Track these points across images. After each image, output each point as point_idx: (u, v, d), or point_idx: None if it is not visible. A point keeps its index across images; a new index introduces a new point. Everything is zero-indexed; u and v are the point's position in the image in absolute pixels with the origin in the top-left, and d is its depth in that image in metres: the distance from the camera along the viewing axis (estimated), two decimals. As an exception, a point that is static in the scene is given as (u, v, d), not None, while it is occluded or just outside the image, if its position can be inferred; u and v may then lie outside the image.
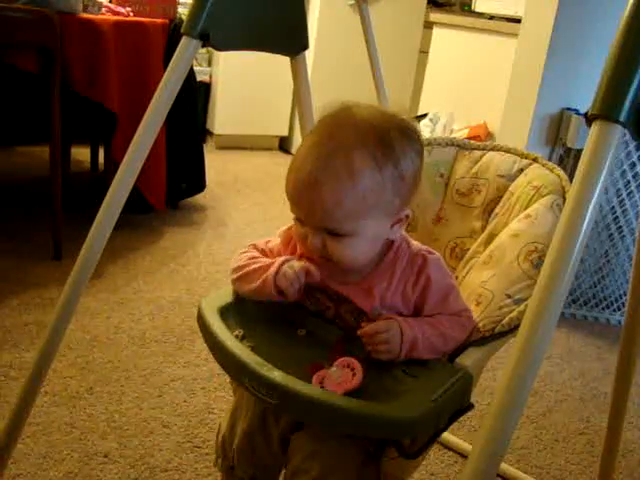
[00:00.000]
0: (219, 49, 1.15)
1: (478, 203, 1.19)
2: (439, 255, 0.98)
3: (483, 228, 1.16)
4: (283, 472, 1.01)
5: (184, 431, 1.52)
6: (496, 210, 1.15)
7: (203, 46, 1.08)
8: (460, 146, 1.24)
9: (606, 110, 0.69)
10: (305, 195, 0.88)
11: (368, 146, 0.86)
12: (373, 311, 0.93)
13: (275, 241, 1.04)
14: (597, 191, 0.68)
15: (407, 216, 0.94)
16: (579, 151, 2.37)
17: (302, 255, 0.98)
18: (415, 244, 0.99)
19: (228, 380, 1.12)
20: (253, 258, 1.00)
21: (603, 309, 2.42)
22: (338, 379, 0.83)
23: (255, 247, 1.03)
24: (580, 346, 2.22)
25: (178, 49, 1.09)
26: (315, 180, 0.86)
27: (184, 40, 1.08)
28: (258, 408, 0.97)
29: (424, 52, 3.92)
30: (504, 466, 1.51)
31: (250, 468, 0.99)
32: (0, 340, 1.78)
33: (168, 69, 1.09)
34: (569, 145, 2.34)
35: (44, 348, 1.24)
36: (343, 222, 0.88)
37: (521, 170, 1.16)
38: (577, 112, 2.32)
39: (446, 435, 1.56)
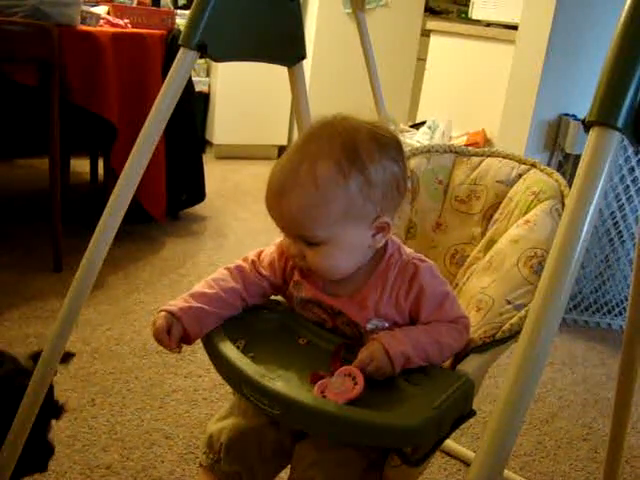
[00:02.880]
0: (217, 60, 1.16)
1: (477, 209, 1.19)
2: (432, 263, 0.97)
3: (483, 234, 1.16)
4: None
5: (186, 442, 1.51)
6: (495, 216, 1.15)
7: (201, 57, 1.09)
8: (458, 153, 1.24)
9: (603, 116, 0.69)
10: (275, 204, 0.90)
11: (333, 154, 0.87)
12: (367, 323, 0.93)
13: (269, 250, 1.03)
14: (596, 196, 0.68)
15: (388, 224, 0.92)
16: (578, 156, 2.37)
17: (294, 267, 0.98)
18: (408, 252, 0.98)
19: (230, 390, 1.12)
20: (209, 286, 0.98)
21: (604, 314, 2.42)
22: (339, 388, 0.83)
23: (245, 260, 1.03)
24: (582, 352, 2.22)
25: (176, 60, 1.09)
26: (282, 189, 0.88)
27: (182, 51, 1.08)
28: (258, 414, 0.96)
29: (422, 60, 3.93)
30: (508, 473, 1.51)
31: (236, 464, 0.96)
32: (1, 353, 1.78)
33: (166, 80, 1.09)
34: (567, 151, 2.34)
35: (44, 360, 1.24)
36: (314, 231, 0.89)
37: (519, 176, 1.16)
38: (575, 118, 2.32)
39: (449, 443, 1.55)
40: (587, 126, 0.70)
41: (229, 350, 0.89)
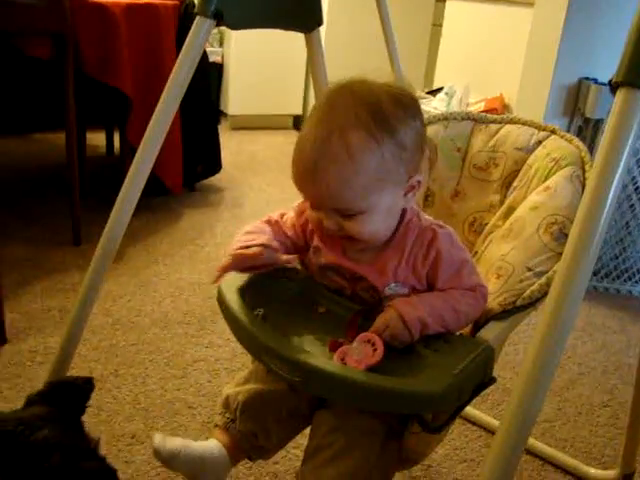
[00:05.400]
0: (233, 28, 1.14)
1: (496, 177, 1.17)
2: (451, 230, 0.96)
3: (501, 202, 1.15)
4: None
5: (209, 411, 1.53)
6: (514, 183, 1.14)
7: (217, 25, 1.07)
8: (476, 120, 1.23)
9: (632, 77, 0.67)
10: (309, 182, 0.88)
11: (362, 122, 0.85)
12: (386, 288, 0.93)
13: (290, 214, 1.03)
14: (623, 159, 0.67)
15: (419, 182, 0.92)
16: (598, 121, 2.33)
17: (313, 232, 0.99)
18: (426, 218, 0.97)
19: (250, 359, 1.12)
20: (248, 233, 0.99)
21: (625, 281, 2.40)
22: (359, 355, 0.83)
23: (269, 220, 1.03)
24: (602, 318, 2.21)
25: (192, 29, 1.08)
26: (315, 166, 0.86)
27: (198, 20, 1.07)
28: (278, 381, 0.97)
29: (437, 25, 3.87)
30: (528, 440, 1.51)
31: (251, 423, 0.96)
32: (24, 326, 1.80)
33: (182, 50, 1.09)
34: (588, 115, 2.31)
35: (69, 332, 1.26)
36: (353, 202, 0.87)
37: (539, 142, 1.14)
38: (595, 81, 2.28)
39: (469, 409, 1.56)
40: (614, 87, 0.68)
41: (249, 318, 0.90)
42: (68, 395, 0.98)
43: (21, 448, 0.85)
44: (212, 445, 0.96)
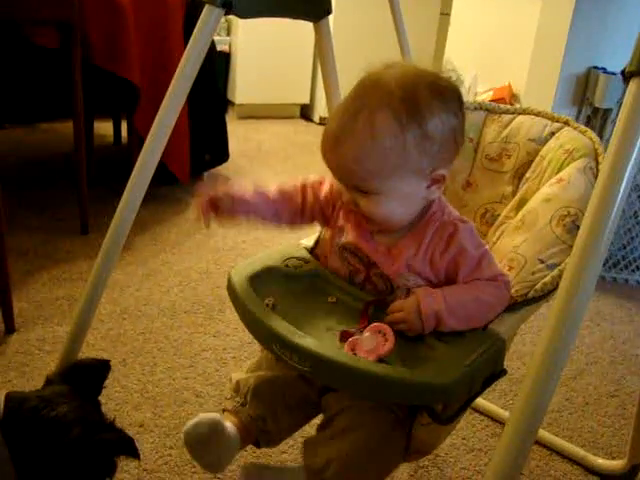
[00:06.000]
0: (242, 17, 1.14)
1: (508, 168, 1.17)
2: (472, 224, 0.96)
3: (514, 193, 1.15)
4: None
5: (217, 400, 1.53)
6: (527, 175, 1.14)
7: (226, 14, 1.07)
8: (489, 110, 1.22)
9: (646, 66, 0.67)
10: (330, 153, 0.90)
11: (392, 105, 0.86)
12: (399, 277, 0.93)
13: (326, 184, 1.05)
14: (636, 149, 0.67)
15: (443, 176, 0.92)
16: (607, 110, 2.32)
17: (340, 210, 1.00)
18: (451, 212, 0.97)
19: (258, 348, 1.13)
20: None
21: (633, 271, 2.39)
22: (370, 345, 0.83)
23: (303, 185, 1.05)
24: (610, 308, 2.20)
25: (201, 18, 1.07)
26: (337, 139, 0.88)
27: (207, 9, 1.06)
28: (288, 368, 0.97)
29: (445, 14, 3.85)
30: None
31: (261, 408, 0.97)
32: (33, 315, 1.81)
33: (191, 39, 1.08)
34: (597, 105, 2.29)
35: (77, 322, 1.27)
36: (366, 180, 0.88)
37: (552, 134, 1.14)
38: (604, 70, 2.27)
39: (477, 399, 1.56)
40: (627, 77, 0.68)
41: (258, 308, 0.90)
42: (85, 375, 1.03)
43: (43, 423, 0.90)
44: (224, 423, 0.95)
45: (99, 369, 1.06)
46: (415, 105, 0.86)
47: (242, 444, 0.98)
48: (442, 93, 0.89)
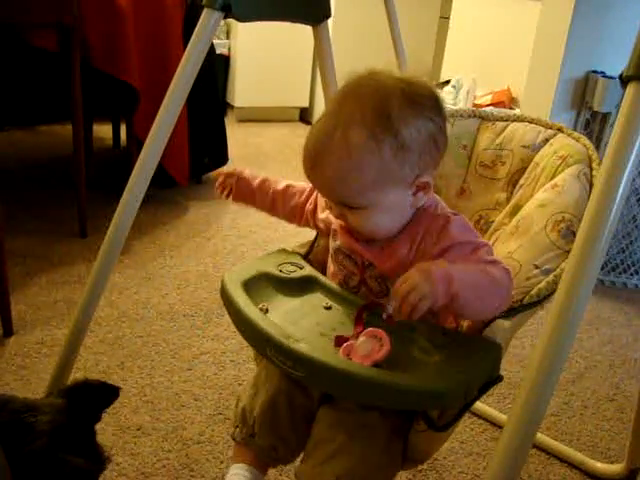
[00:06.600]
0: (241, 20, 1.14)
1: (502, 175, 1.17)
2: (464, 217, 0.96)
3: (508, 200, 1.15)
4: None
5: (215, 403, 1.53)
6: (521, 181, 1.14)
7: (225, 17, 1.07)
8: (483, 117, 1.22)
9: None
10: (311, 172, 0.91)
11: (365, 121, 0.85)
12: (395, 276, 0.93)
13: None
14: (633, 154, 0.67)
15: (427, 183, 0.91)
16: (606, 114, 2.32)
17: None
18: (444, 207, 0.97)
19: (254, 355, 1.13)
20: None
21: (632, 274, 2.39)
22: (365, 350, 0.83)
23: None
24: (608, 312, 2.20)
25: (200, 21, 1.08)
26: (314, 159, 0.89)
27: (206, 12, 1.06)
28: (284, 378, 0.97)
29: (444, 18, 3.85)
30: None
31: (270, 437, 0.97)
32: (31, 318, 1.81)
33: (190, 42, 1.08)
34: (596, 109, 2.29)
35: (75, 325, 1.27)
36: (350, 198, 0.89)
37: (546, 140, 1.14)
38: (603, 74, 2.27)
39: (476, 403, 1.56)
40: (624, 81, 0.68)
41: (253, 312, 0.90)
42: (90, 396, 0.99)
43: (16, 427, 0.86)
44: (241, 472, 0.97)
45: (107, 394, 1.03)
46: (387, 117, 0.86)
47: (263, 472, 1.00)
48: (415, 101, 0.88)
